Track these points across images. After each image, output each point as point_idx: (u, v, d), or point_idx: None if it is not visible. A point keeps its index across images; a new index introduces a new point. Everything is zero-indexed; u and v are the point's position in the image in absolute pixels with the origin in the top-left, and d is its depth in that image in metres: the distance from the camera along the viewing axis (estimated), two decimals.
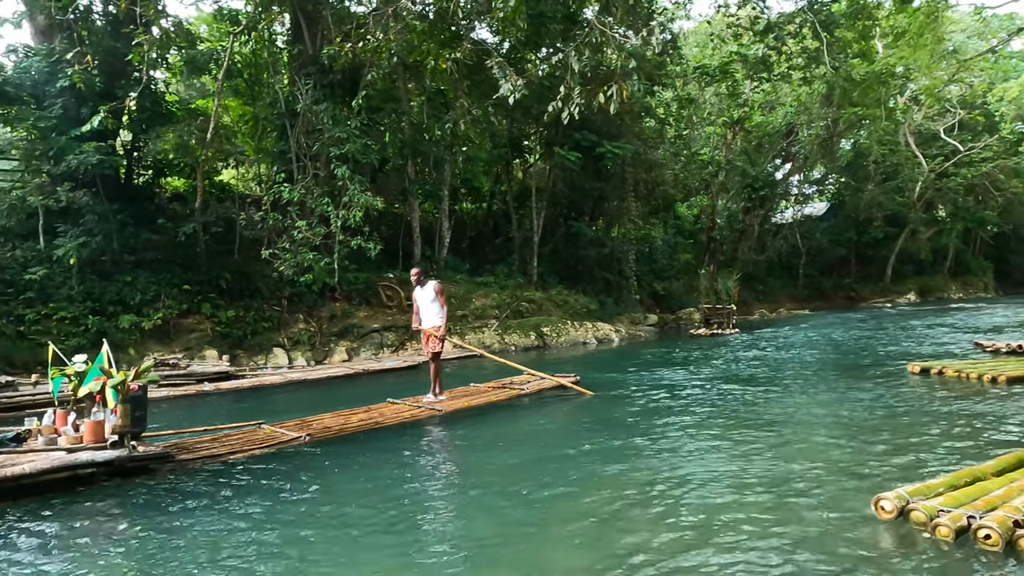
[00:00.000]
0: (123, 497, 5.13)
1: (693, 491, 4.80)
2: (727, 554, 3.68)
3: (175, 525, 4.51)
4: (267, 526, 4.50)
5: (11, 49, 14.32)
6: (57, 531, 4.42)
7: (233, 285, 14.69)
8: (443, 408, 8.23)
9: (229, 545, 4.17)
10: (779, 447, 6.05)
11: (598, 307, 21.90)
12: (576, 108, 8.08)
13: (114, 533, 4.42)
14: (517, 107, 12.26)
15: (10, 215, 12.98)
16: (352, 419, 7.64)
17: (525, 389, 9.58)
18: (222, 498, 5.10)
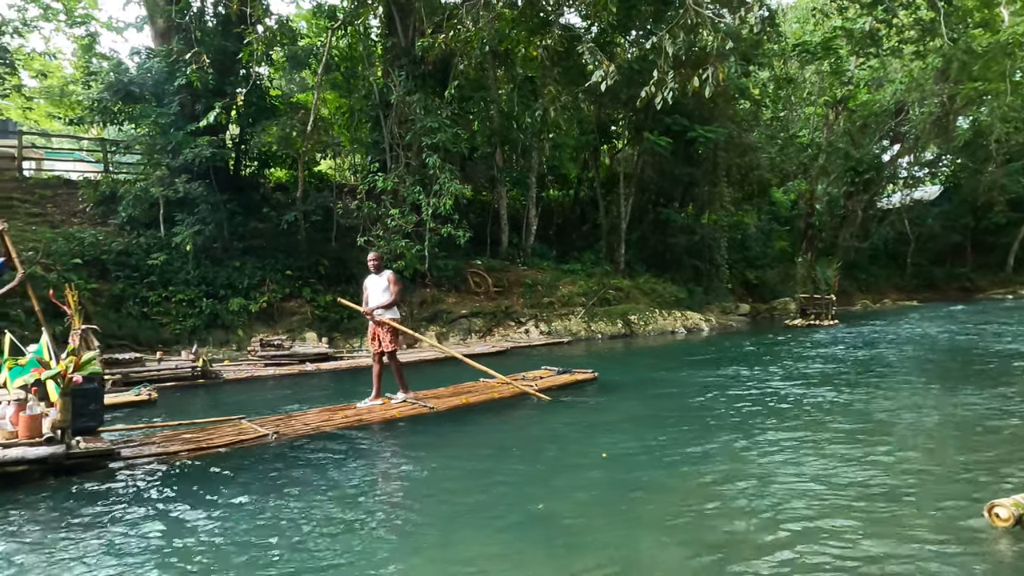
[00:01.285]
0: (48, 498, 4.66)
1: (793, 494, 4.62)
2: (835, 559, 3.57)
3: (75, 533, 4.07)
4: (176, 535, 4.04)
5: (135, 52, 15.53)
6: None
7: (331, 271, 15.40)
8: (434, 405, 7.54)
9: (121, 555, 3.75)
10: (883, 449, 5.75)
11: (687, 296, 21.43)
12: (670, 93, 7.88)
13: (14, 538, 4.00)
14: (606, 92, 12.07)
15: (135, 205, 14.12)
16: (336, 416, 7.12)
17: (534, 386, 8.65)
18: (147, 501, 4.61)
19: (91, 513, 4.39)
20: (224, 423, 6.78)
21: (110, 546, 3.89)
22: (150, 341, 12.55)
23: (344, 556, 3.76)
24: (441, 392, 8.33)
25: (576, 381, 9.29)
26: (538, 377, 9.32)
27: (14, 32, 18.45)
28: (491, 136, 19.48)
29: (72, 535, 4.03)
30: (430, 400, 7.77)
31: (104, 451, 5.25)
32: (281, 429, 6.47)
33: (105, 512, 4.41)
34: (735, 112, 23.70)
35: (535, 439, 6.56)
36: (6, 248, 7.94)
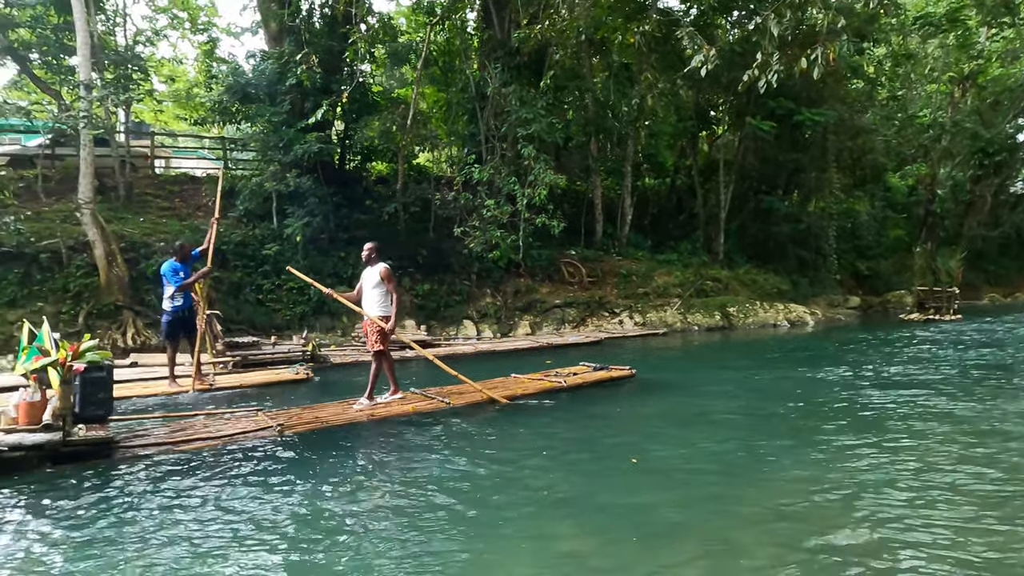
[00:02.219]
0: (38, 484, 4.65)
1: (888, 504, 4.38)
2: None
3: (57, 522, 4.04)
4: (153, 529, 3.95)
5: (250, 55, 16.55)
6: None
7: (428, 261, 15.86)
8: (451, 401, 7.24)
9: (88, 548, 3.67)
10: (1005, 460, 5.30)
11: (791, 287, 20.49)
12: (774, 76, 7.53)
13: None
14: (706, 77, 11.67)
15: (251, 199, 15.10)
16: (350, 410, 6.86)
17: (563, 383, 8.33)
18: (133, 492, 4.54)
19: (75, 501, 4.35)
20: (241, 413, 6.72)
21: (83, 533, 3.86)
22: (265, 326, 13.42)
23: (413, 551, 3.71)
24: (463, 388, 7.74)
25: (611, 378, 8.84)
26: (571, 373, 8.94)
27: (146, 41, 20.13)
28: (586, 125, 19.34)
29: (52, 521, 4.02)
30: (450, 395, 7.45)
31: (102, 440, 5.14)
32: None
33: (88, 501, 4.35)
34: (847, 92, 22.31)
35: (584, 436, 6.43)
36: (209, 240, 8.79)
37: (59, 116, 13.02)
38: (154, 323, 12.50)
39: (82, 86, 12.76)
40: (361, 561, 3.54)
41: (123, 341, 11.92)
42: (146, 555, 3.60)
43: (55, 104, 14.50)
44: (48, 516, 4.11)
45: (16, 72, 17.43)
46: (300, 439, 5.88)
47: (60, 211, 13.63)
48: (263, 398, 8.06)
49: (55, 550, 3.66)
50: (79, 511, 4.19)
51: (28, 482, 4.66)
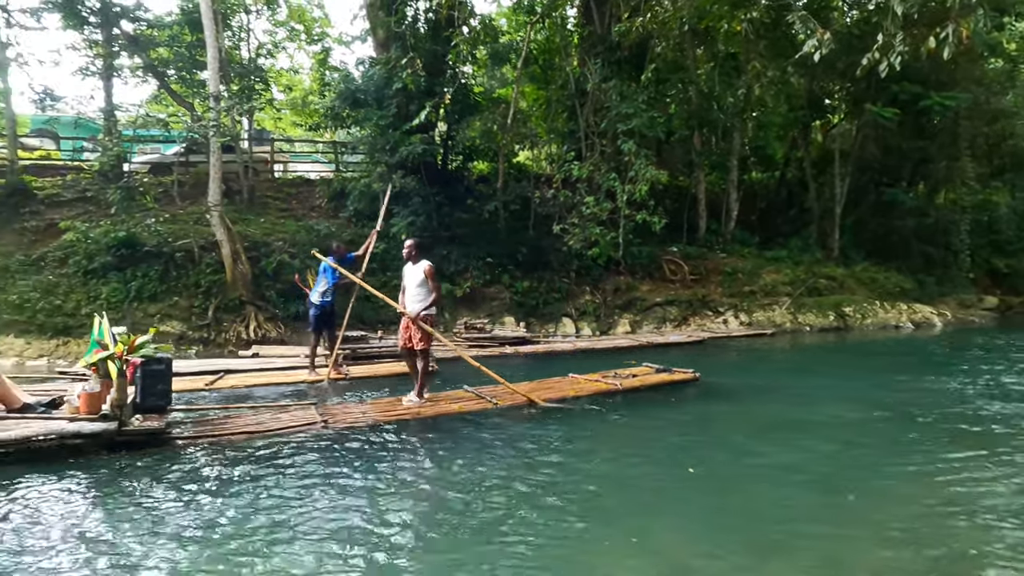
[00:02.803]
0: (88, 472, 4.86)
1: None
2: None
3: (93, 511, 4.19)
4: (186, 522, 4.02)
5: (359, 62, 17.35)
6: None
7: (528, 258, 15.98)
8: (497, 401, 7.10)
9: (126, 530, 3.86)
10: None
11: (915, 286, 19.00)
12: (897, 58, 6.98)
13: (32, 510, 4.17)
14: (819, 63, 10.97)
15: (360, 199, 15.83)
16: (394, 408, 6.80)
17: (618, 384, 8.02)
18: (170, 480, 4.73)
19: (122, 486, 4.57)
20: (294, 407, 6.80)
21: (120, 519, 4.02)
22: (372, 321, 14.03)
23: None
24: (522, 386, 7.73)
25: (672, 381, 8.44)
26: (631, 374, 8.57)
27: (267, 54, 21.55)
28: (689, 118, 18.79)
29: (91, 505, 4.26)
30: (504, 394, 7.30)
31: (155, 430, 5.39)
32: (374, 414, 6.49)
33: (132, 487, 4.57)
34: (983, 73, 20.38)
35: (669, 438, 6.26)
36: (366, 247, 9.47)
37: (192, 126, 14.19)
38: (273, 317, 13.40)
39: (211, 98, 13.86)
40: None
41: (246, 333, 12.84)
42: (152, 540, 3.74)
43: (188, 115, 15.81)
44: (88, 500, 4.37)
45: (156, 87, 19.20)
46: (342, 434, 5.90)
47: (193, 213, 14.86)
48: (382, 388, 8.40)
49: (71, 530, 3.87)
50: (120, 495, 4.43)
51: (84, 467, 4.94)
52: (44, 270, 13.13)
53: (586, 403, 7.26)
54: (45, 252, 13.50)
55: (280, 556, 3.55)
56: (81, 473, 4.81)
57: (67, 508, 4.19)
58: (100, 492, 4.49)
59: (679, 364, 9.13)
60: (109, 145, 15.38)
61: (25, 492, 4.41)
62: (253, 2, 20.27)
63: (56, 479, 4.66)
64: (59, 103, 17.77)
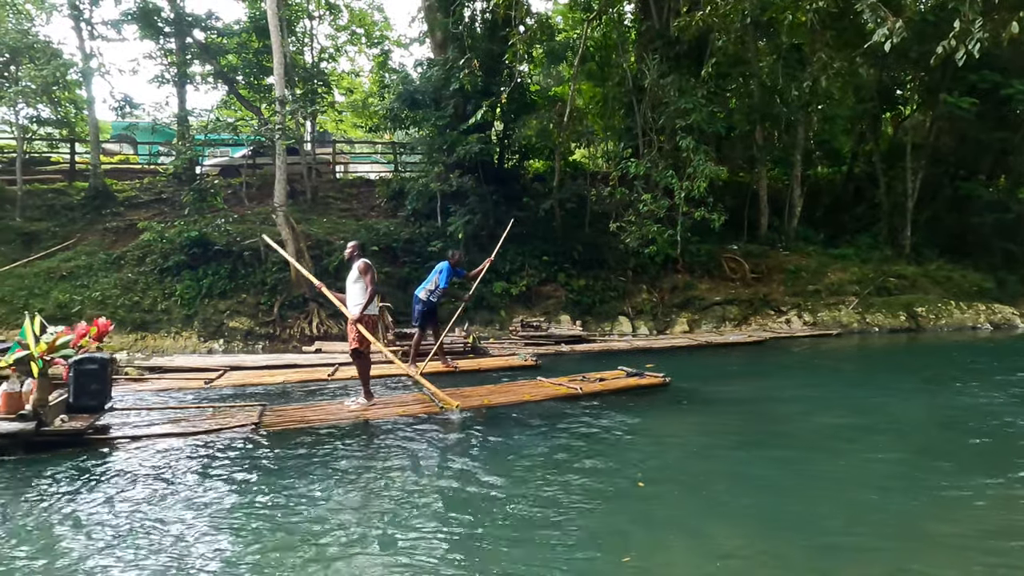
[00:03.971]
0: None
1: None
2: None
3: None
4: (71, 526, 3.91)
5: (418, 64, 17.66)
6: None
7: (584, 256, 15.92)
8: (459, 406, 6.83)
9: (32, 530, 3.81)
10: None
11: (995, 286, 17.99)
12: (976, 45, 6.63)
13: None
14: (890, 53, 10.47)
15: (418, 199, 16.09)
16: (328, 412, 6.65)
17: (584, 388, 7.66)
18: (83, 480, 4.68)
19: (26, 488, 4.50)
20: (238, 408, 6.74)
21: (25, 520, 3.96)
22: None
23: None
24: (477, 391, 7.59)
25: (639, 386, 8.01)
26: (598, 378, 8.18)
27: (329, 58, 22.16)
28: (750, 113, 18.32)
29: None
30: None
31: (76, 431, 5.29)
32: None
33: (37, 487, 4.51)
34: None
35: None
36: (479, 270, 9.83)
37: (259, 129, 14.74)
38: (335, 314, 13.79)
39: (277, 102, 14.36)
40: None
41: (309, 330, 13.26)
42: (53, 538, 3.72)
43: (255, 119, 16.42)
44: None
45: (225, 93, 20.02)
46: (274, 437, 5.77)
47: (259, 213, 15.43)
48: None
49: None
50: (29, 494, 4.40)
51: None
52: (124, 268, 13.89)
53: (537, 409, 6.91)
54: (124, 251, 14.29)
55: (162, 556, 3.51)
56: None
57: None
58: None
59: (738, 363, 8.94)
60: (182, 149, 16.13)
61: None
62: (316, 8, 20.87)
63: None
64: (137, 110, 18.83)
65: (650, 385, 8.09)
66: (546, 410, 6.95)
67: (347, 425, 6.26)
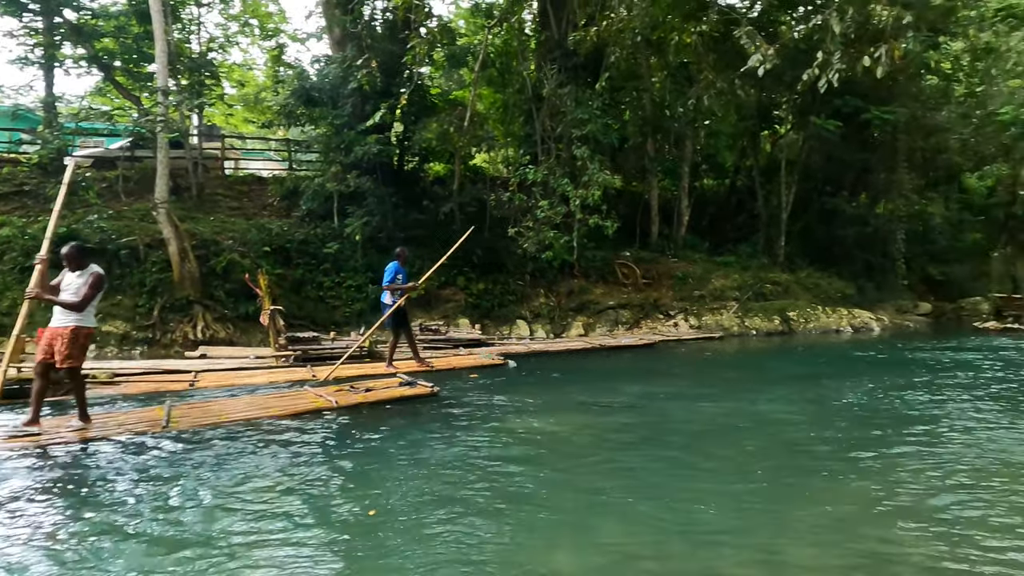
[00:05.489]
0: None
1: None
2: None
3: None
4: None
5: (315, 60, 17.18)
6: None
7: (483, 260, 16.04)
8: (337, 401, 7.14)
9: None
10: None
11: (856, 292, 19.78)
12: (836, 74, 7.32)
13: None
14: (768, 75, 11.36)
15: (314, 199, 15.63)
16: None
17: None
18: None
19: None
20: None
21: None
22: (324, 322, 13.88)
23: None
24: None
25: (405, 396, 7.79)
26: (365, 388, 7.95)
27: (219, 48, 21.08)
28: (643, 125, 19.19)
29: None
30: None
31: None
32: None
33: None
34: (920, 90, 21.36)
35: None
36: (412, 285, 10.09)
37: (138, 120, 13.80)
38: (222, 317, 13.12)
39: (160, 92, 13.50)
40: None
41: (193, 334, 12.54)
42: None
43: (135, 109, 15.36)
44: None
45: (100, 79, 18.57)
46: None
47: (138, 210, 14.43)
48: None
49: None
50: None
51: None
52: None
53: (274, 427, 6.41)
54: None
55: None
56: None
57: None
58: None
59: (628, 363, 9.29)
60: (49, 137, 14.82)
61: None
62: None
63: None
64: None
65: (415, 396, 7.81)
66: (280, 428, 6.37)
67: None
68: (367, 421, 6.79)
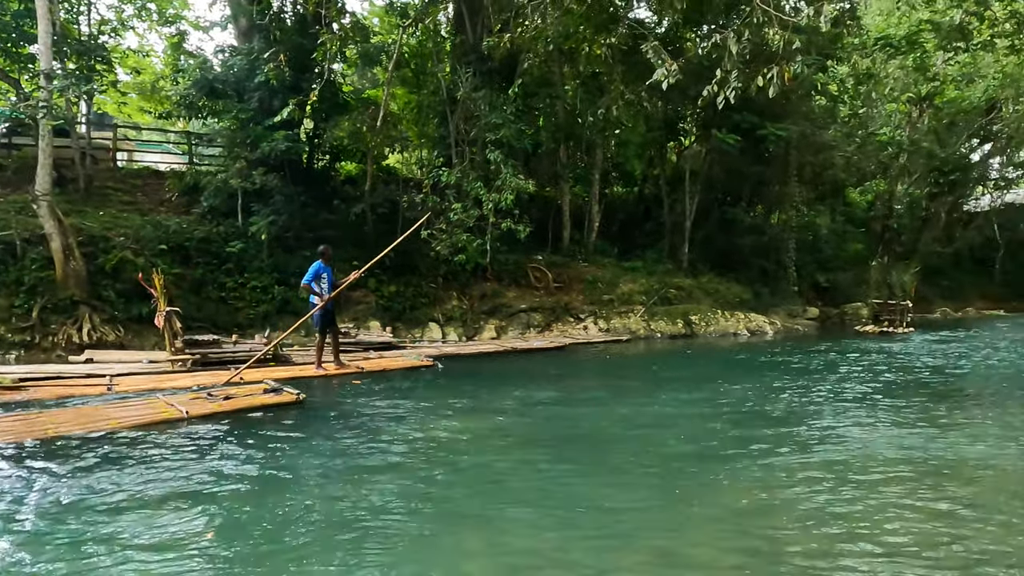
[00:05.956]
0: None
1: (854, 487, 4.62)
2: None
3: None
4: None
5: (219, 50, 16.41)
6: None
7: (395, 262, 15.79)
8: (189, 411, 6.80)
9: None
10: (952, 456, 5.57)
11: (752, 297, 20.94)
12: (732, 92, 7.77)
13: None
14: (673, 89, 11.86)
15: (216, 195, 14.93)
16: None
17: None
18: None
19: None
20: None
21: None
22: (226, 324, 13.27)
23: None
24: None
25: (267, 404, 7.41)
26: (224, 396, 7.50)
27: (112, 32, 19.75)
28: (556, 132, 19.56)
29: None
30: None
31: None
32: None
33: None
34: (810, 109, 22.91)
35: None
36: (344, 281, 10.22)
37: (17, 104, 12.71)
38: (112, 319, 12.28)
39: (42, 75, 12.48)
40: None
41: (78, 337, 11.68)
42: None
43: (13, 92, 14.14)
44: None
45: None
46: None
47: (15, 202, 13.30)
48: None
49: None
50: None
51: None
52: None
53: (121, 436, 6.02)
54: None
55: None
56: None
57: None
58: None
59: (537, 366, 9.43)
60: None
61: None
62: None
63: None
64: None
65: (277, 404, 7.43)
66: (120, 440, 5.85)
67: None
68: (228, 430, 6.33)
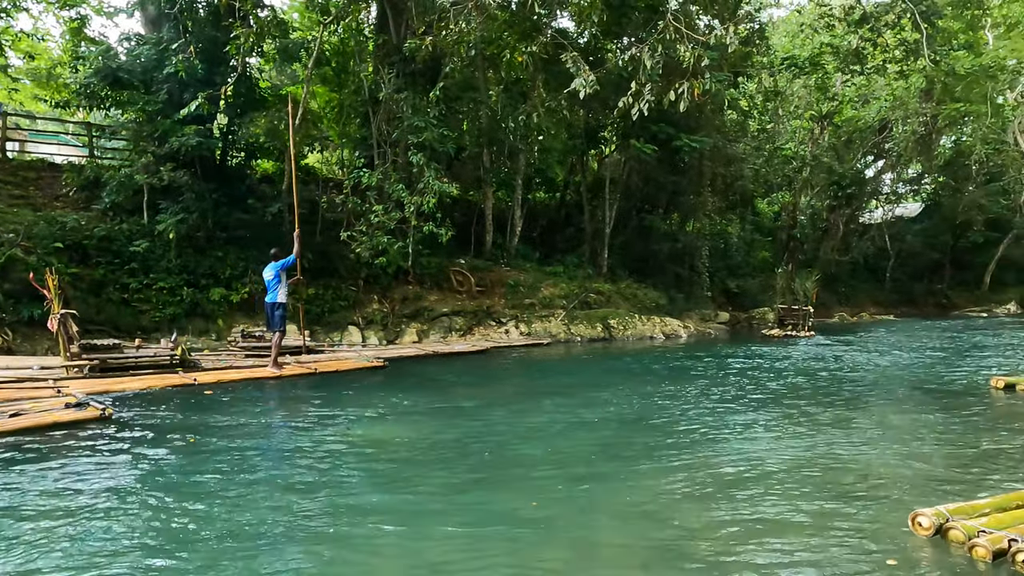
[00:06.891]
0: None
1: (733, 492, 4.88)
2: (751, 557, 3.75)
3: None
4: None
5: (124, 38, 15.51)
6: None
7: (314, 264, 15.43)
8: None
9: None
10: (830, 456, 5.97)
11: (667, 302, 21.70)
12: (646, 104, 8.08)
13: None
14: (593, 98, 12.18)
15: (119, 191, 14.11)
16: None
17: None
18: None
19: None
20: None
21: None
22: (129, 328, 12.59)
23: None
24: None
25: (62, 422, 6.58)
26: (11, 413, 6.67)
27: (2, 12, 18.33)
28: (479, 137, 19.63)
29: None
30: None
31: None
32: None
33: None
34: (722, 123, 24.01)
35: None
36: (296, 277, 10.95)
37: None
38: (19, 322, 11.43)
39: None
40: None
41: None
42: None
43: None
44: None
45: None
46: None
47: None
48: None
49: None
50: None
51: None
52: None
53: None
54: None
55: None
56: None
57: None
58: None
59: (457, 370, 9.46)
60: None
61: None
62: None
63: None
64: None
65: (83, 420, 6.65)
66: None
67: None
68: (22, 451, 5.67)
